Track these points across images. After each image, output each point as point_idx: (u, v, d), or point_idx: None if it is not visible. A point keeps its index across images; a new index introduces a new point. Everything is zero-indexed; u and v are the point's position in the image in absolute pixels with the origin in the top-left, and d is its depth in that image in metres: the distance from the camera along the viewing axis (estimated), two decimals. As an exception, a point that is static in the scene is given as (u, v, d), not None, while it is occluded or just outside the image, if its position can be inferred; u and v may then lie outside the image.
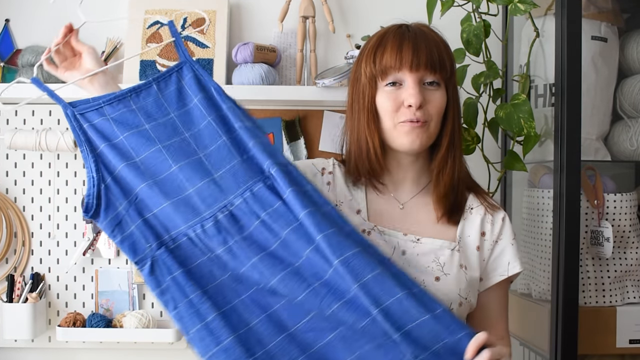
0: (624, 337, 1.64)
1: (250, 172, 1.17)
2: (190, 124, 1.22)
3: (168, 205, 1.15)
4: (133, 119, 1.20)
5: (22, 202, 2.03)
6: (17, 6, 2.05)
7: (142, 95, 1.22)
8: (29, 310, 1.91)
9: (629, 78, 1.77)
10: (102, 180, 1.17)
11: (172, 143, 1.19)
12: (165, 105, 1.22)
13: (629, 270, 1.69)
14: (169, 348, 2.02)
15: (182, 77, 1.25)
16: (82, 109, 1.20)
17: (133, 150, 1.18)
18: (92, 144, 1.19)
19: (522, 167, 1.67)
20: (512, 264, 1.29)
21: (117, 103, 1.21)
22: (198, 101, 1.23)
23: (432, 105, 1.22)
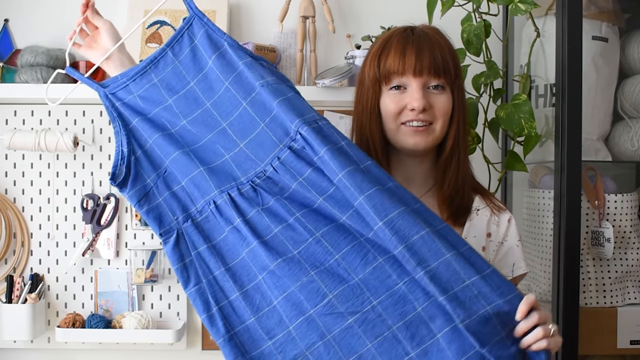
0: (624, 337, 1.64)
1: (276, 137, 1.13)
2: (210, 91, 1.19)
3: (197, 173, 1.13)
4: (157, 94, 1.20)
5: (21, 203, 2.02)
6: (16, 6, 2.05)
7: (161, 65, 1.21)
8: (28, 311, 1.91)
9: (630, 78, 1.77)
10: (132, 153, 1.18)
11: (195, 117, 1.18)
12: (183, 73, 1.20)
13: (629, 271, 1.69)
14: (168, 349, 2.02)
15: (193, 35, 1.22)
16: (113, 89, 1.22)
17: (167, 123, 1.18)
18: (124, 120, 1.20)
19: (522, 168, 1.67)
20: (517, 264, 1.29)
21: (140, 78, 1.21)
22: (212, 63, 1.19)
23: (436, 108, 1.22)
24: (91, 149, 2.02)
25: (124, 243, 2.02)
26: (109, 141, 2.02)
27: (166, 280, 2.02)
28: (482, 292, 0.99)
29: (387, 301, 1.02)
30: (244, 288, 1.09)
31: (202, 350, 2.03)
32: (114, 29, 1.31)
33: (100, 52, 1.29)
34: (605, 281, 1.67)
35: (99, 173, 2.02)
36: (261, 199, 1.10)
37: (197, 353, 2.03)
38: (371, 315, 1.02)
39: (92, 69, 1.32)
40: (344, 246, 1.05)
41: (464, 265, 1.00)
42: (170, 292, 2.02)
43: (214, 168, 1.14)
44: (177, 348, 2.01)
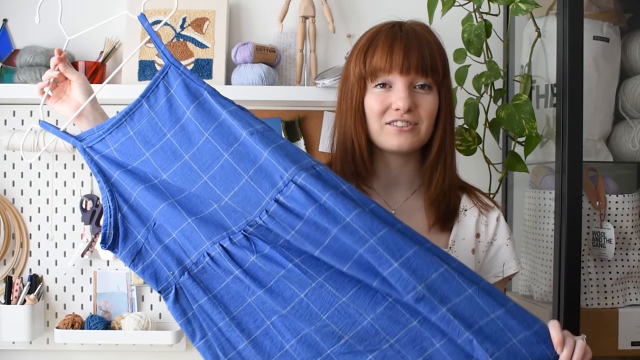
0: (625, 339, 1.63)
1: (262, 189, 1.08)
2: (188, 143, 1.14)
3: (186, 225, 1.09)
4: (133, 148, 1.15)
5: (20, 203, 2.01)
6: (15, 6, 2.04)
7: (136, 117, 1.16)
8: (27, 312, 1.90)
9: (631, 78, 1.76)
10: (118, 210, 1.14)
11: (175, 171, 1.13)
12: (159, 125, 1.15)
13: (631, 272, 1.68)
14: (168, 350, 2.01)
15: (169, 84, 1.16)
16: (89, 142, 1.17)
17: (145, 176, 1.14)
18: (105, 174, 1.15)
19: (523, 168, 1.66)
20: (507, 264, 1.28)
21: (116, 131, 1.16)
22: (191, 113, 1.13)
23: (422, 109, 1.19)
24: (90, 149, 2.01)
25: (123, 244, 2.01)
26: (108, 141, 2.02)
27: (165, 281, 2.01)
28: (507, 324, 0.99)
29: (404, 338, 1.02)
30: (251, 336, 1.07)
31: (202, 351, 2.02)
32: (87, 84, 1.24)
33: (71, 106, 1.23)
34: (606, 282, 1.66)
35: (98, 173, 2.01)
36: (255, 247, 1.07)
37: (197, 354, 2.01)
38: (390, 352, 1.02)
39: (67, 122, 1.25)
40: (350, 289, 1.04)
41: (487, 299, 0.99)
42: (169, 293, 2.01)
43: (202, 218, 1.10)
44: (177, 349, 2.01)
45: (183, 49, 1.98)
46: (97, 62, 1.97)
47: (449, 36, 1.79)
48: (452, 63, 1.75)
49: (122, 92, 1.91)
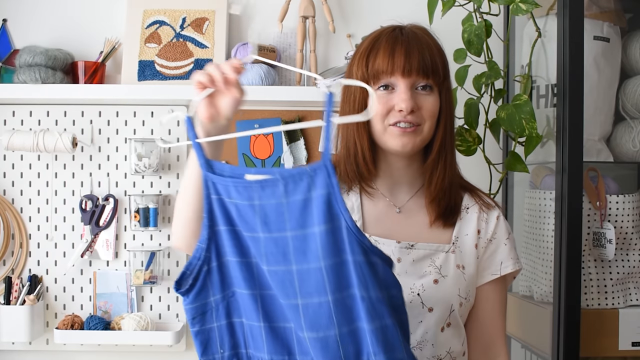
0: (626, 339, 1.63)
1: (342, 354, 1.00)
2: (302, 256, 1.01)
3: (257, 326, 1.05)
4: (252, 218, 1.03)
5: (19, 204, 2.01)
6: (15, 6, 2.04)
7: (267, 191, 1.01)
8: (27, 313, 1.90)
9: (632, 78, 1.76)
10: (206, 262, 1.07)
11: (276, 270, 1.02)
12: (284, 216, 1.01)
13: (631, 272, 1.68)
14: (167, 350, 2.01)
15: (313, 186, 0.99)
16: (216, 179, 1.05)
17: (248, 250, 1.05)
18: (213, 219, 1.06)
19: (523, 168, 1.66)
20: (505, 263, 1.28)
21: (244, 189, 1.02)
22: (320, 234, 0.99)
23: (424, 109, 1.21)
24: (90, 149, 2.01)
25: (123, 244, 2.01)
26: (107, 142, 2.01)
27: (165, 281, 2.01)
28: None
29: None
30: None
31: (202, 351, 2.02)
32: (240, 104, 1.12)
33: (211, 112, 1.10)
34: (607, 282, 1.66)
35: (97, 174, 2.01)
36: None
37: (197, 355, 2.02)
38: None
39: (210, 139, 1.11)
40: None
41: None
42: (169, 293, 2.01)
43: (275, 329, 1.05)
44: (177, 350, 2.00)
45: (183, 49, 1.98)
46: (96, 62, 1.97)
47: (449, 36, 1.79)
48: (452, 63, 1.75)
49: (122, 93, 1.91)
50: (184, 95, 1.89)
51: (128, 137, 2.00)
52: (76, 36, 2.03)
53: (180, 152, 2.02)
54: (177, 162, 2.02)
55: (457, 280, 1.23)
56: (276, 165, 2.01)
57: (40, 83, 1.87)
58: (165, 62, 1.97)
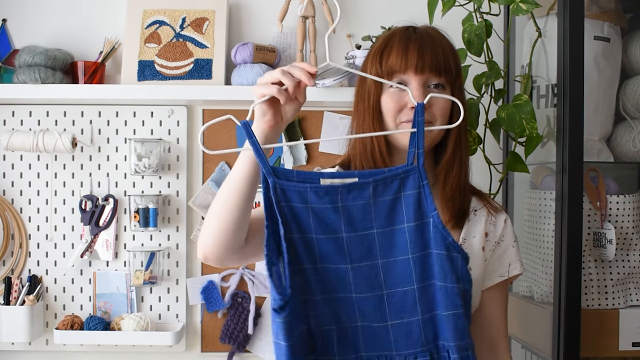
0: (626, 339, 1.63)
1: (423, 339, 1.08)
2: (389, 249, 1.08)
3: (329, 330, 1.08)
4: (334, 220, 1.06)
5: (19, 204, 2.01)
6: (14, 6, 2.04)
7: (353, 194, 1.07)
8: (26, 313, 1.90)
9: (632, 78, 1.75)
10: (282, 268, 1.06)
11: (361, 266, 1.08)
12: (372, 215, 1.07)
13: (631, 273, 1.68)
14: (167, 351, 2.00)
15: (404, 187, 1.08)
16: (285, 185, 1.06)
17: (320, 254, 1.07)
18: (288, 227, 1.06)
19: (524, 169, 1.66)
20: (512, 265, 1.30)
21: (325, 194, 1.06)
22: (408, 228, 1.07)
23: (436, 107, 1.21)
24: (90, 149, 2.01)
25: (122, 244, 2.01)
26: (107, 142, 2.01)
27: (165, 281, 2.01)
28: None
29: None
30: None
31: (202, 352, 2.02)
32: (300, 108, 1.17)
33: (277, 119, 1.12)
34: (607, 283, 1.66)
35: (97, 174, 2.01)
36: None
37: (197, 355, 2.02)
38: None
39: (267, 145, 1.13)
40: None
41: None
42: (169, 293, 2.01)
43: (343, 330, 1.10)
44: (176, 350, 2.00)
45: (182, 48, 1.97)
46: (96, 62, 1.97)
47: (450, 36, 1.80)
48: (453, 63, 1.75)
49: (121, 93, 1.90)
50: (184, 95, 1.89)
51: (128, 137, 2.00)
52: (76, 36, 2.03)
53: (180, 152, 2.02)
54: (176, 162, 2.02)
55: None
56: (276, 165, 2.01)
57: (40, 83, 1.87)
58: (165, 62, 1.97)
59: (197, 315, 2.02)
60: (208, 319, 2.01)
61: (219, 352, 2.01)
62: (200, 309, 2.02)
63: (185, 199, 2.02)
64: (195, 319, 2.02)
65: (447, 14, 1.68)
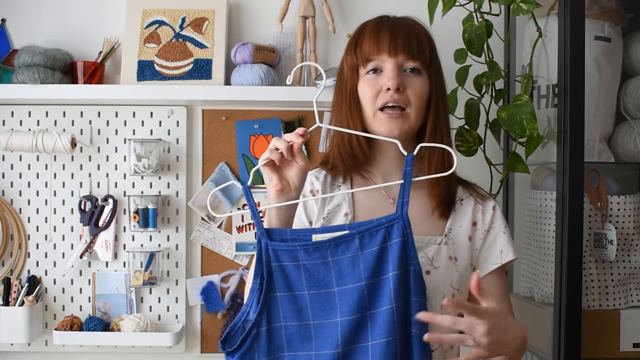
0: (627, 340, 1.62)
1: None
2: (376, 300, 1.09)
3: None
4: (325, 275, 1.09)
5: (18, 204, 2.00)
6: (14, 6, 2.03)
7: (342, 247, 1.09)
8: (25, 314, 1.89)
9: (633, 79, 1.75)
10: (256, 325, 1.10)
11: (351, 320, 1.09)
12: (360, 268, 1.09)
13: (632, 273, 1.67)
14: (167, 352, 2.00)
15: (390, 236, 1.10)
16: (277, 246, 1.10)
17: (311, 310, 1.10)
18: (271, 285, 1.10)
19: (524, 169, 1.66)
20: (504, 251, 1.30)
21: (314, 250, 1.09)
22: (393, 277, 1.08)
23: (411, 90, 1.22)
24: (89, 150, 2.00)
25: (122, 245, 2.00)
26: (106, 142, 2.01)
27: (165, 282, 2.00)
28: None
29: None
30: None
31: (201, 353, 2.01)
32: (307, 173, 1.19)
33: (280, 184, 1.15)
34: (608, 283, 1.65)
35: (96, 174, 2.01)
36: None
37: (196, 356, 2.02)
38: None
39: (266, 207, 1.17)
40: None
41: None
42: (169, 294, 2.01)
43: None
44: (176, 351, 2.00)
45: (182, 49, 1.97)
46: (95, 62, 1.96)
47: (450, 36, 1.79)
48: (453, 63, 1.75)
49: (121, 93, 1.90)
50: (184, 95, 1.89)
51: (127, 138, 2.00)
52: (75, 36, 2.02)
53: (180, 153, 2.01)
54: (176, 162, 2.01)
55: (450, 272, 1.24)
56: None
57: (39, 83, 1.86)
58: (164, 62, 1.96)
59: (196, 316, 2.02)
60: (208, 320, 2.00)
61: (219, 353, 2.00)
62: (200, 309, 2.01)
63: (185, 199, 2.01)
64: (195, 319, 2.02)
65: (447, 14, 1.67)
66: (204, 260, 2.02)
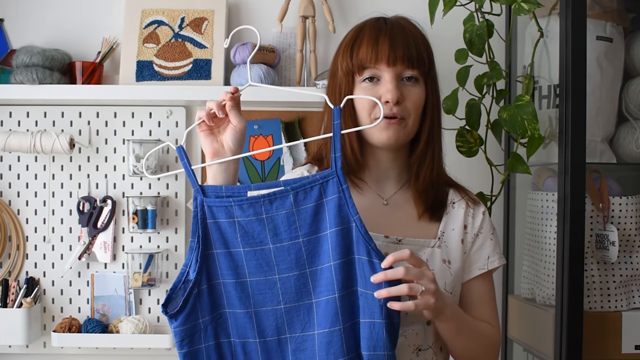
0: (629, 342, 1.62)
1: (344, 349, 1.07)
2: (315, 257, 1.09)
3: (253, 343, 1.10)
4: (259, 232, 1.08)
5: (16, 205, 1.99)
6: (12, 6, 2.02)
7: (276, 204, 1.08)
8: (24, 316, 1.88)
9: (635, 79, 1.74)
10: (197, 284, 1.10)
11: (289, 277, 1.09)
12: (296, 224, 1.08)
13: (634, 275, 1.67)
14: (165, 354, 1.99)
15: (325, 193, 1.08)
16: (212, 201, 1.09)
17: (247, 268, 1.09)
18: (207, 243, 1.10)
19: (525, 170, 1.65)
20: (491, 258, 1.29)
21: (248, 206, 1.08)
22: (331, 234, 1.07)
23: (410, 101, 1.20)
24: (88, 150, 1.99)
25: (120, 246, 2.00)
26: (105, 143, 2.00)
27: (164, 284, 1.99)
28: None
29: None
30: None
31: (200, 355, 2.00)
32: (243, 135, 1.18)
33: (215, 145, 1.17)
34: (610, 285, 1.64)
35: (95, 175, 2.00)
36: None
37: (195, 358, 2.01)
38: None
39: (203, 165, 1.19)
40: None
41: None
42: (167, 296, 2.00)
43: (268, 342, 1.10)
44: (175, 353, 1.97)
45: (181, 49, 1.96)
46: (94, 62, 1.95)
47: (451, 36, 1.79)
48: (454, 63, 1.75)
49: (120, 93, 1.89)
50: (183, 95, 1.88)
51: (126, 138, 1.99)
52: (74, 36, 2.02)
53: (179, 153, 2.00)
54: (175, 163, 2.01)
55: (443, 275, 1.24)
56: (275, 166, 2.00)
57: (38, 83, 1.86)
58: (163, 62, 1.95)
59: (196, 317, 2.01)
60: (207, 322, 2.00)
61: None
62: (199, 311, 2.00)
63: (184, 200, 2.00)
64: (194, 321, 2.01)
65: (448, 13, 1.66)
66: (203, 262, 2.01)
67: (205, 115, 1.15)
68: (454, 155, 1.61)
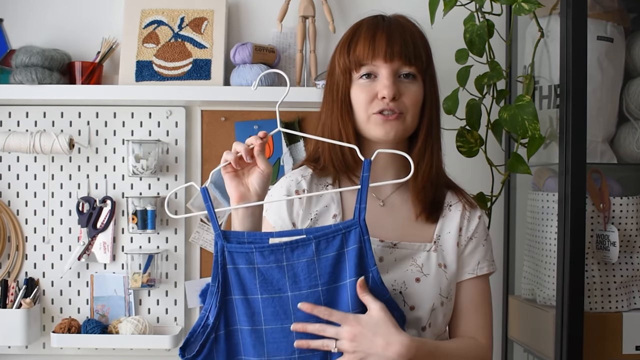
0: (630, 343, 1.62)
1: None
2: (334, 307, 1.09)
3: None
4: (279, 279, 1.08)
5: (15, 206, 1.99)
6: (11, 6, 2.02)
7: (298, 252, 1.09)
8: (23, 316, 1.88)
9: (636, 79, 1.74)
10: (214, 329, 1.10)
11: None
12: (316, 273, 1.09)
13: (635, 275, 1.67)
14: (165, 355, 1.99)
15: (347, 242, 1.09)
16: (233, 248, 1.10)
17: (264, 315, 1.09)
18: (227, 288, 1.10)
19: (526, 170, 1.64)
20: (481, 264, 1.28)
21: (270, 253, 1.09)
22: (350, 284, 1.08)
23: (407, 98, 1.20)
24: (87, 151, 1.99)
25: (120, 247, 1.99)
26: (105, 143, 1.99)
27: (163, 284, 1.99)
28: None
29: None
30: None
31: (200, 355, 2.00)
32: (269, 180, 1.17)
33: (240, 189, 1.15)
34: (611, 286, 1.64)
35: (94, 175, 1.99)
36: None
37: (195, 358, 2.00)
38: None
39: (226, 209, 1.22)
40: None
41: None
42: (167, 296, 1.99)
43: None
44: (174, 354, 1.98)
45: (181, 49, 1.96)
46: (93, 63, 1.95)
47: (451, 36, 1.78)
48: (454, 63, 1.74)
49: (119, 93, 1.89)
50: (183, 95, 1.88)
51: (126, 139, 1.98)
52: (73, 36, 2.01)
53: (179, 154, 2.00)
54: (175, 163, 2.00)
55: (439, 279, 1.23)
56: (275, 166, 1.99)
57: (37, 84, 1.85)
58: (163, 62, 1.95)
59: (195, 318, 2.00)
60: (207, 322, 1.99)
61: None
62: (198, 312, 2.00)
63: (184, 200, 2.00)
64: (194, 322, 2.00)
65: (448, 13, 1.66)
66: (203, 262, 2.00)
67: (232, 158, 1.14)
68: (454, 156, 1.61)
